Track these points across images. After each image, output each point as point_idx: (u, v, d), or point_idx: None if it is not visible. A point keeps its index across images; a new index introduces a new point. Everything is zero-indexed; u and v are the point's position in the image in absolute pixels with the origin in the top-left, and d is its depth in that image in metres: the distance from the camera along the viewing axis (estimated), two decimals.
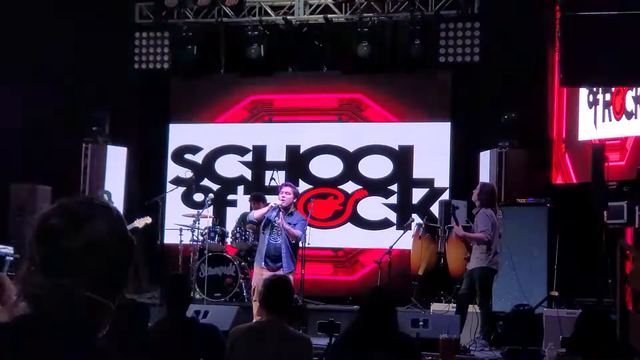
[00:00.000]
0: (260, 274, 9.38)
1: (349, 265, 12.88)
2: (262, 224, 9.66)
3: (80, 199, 1.88)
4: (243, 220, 11.52)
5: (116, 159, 12.97)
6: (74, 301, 1.76)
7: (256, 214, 9.84)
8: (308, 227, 11.04)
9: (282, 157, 13.21)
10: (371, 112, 12.99)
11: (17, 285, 1.82)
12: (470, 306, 10.08)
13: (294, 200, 9.69)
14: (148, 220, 11.00)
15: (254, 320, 8.73)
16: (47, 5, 12.95)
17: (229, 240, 11.83)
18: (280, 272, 9.13)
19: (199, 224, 11.38)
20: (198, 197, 13.00)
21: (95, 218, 1.81)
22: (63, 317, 1.75)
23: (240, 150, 13.41)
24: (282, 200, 9.52)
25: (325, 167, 13.10)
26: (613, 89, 10.83)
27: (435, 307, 10.61)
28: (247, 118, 13.39)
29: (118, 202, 12.18)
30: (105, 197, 11.36)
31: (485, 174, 11.60)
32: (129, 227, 10.50)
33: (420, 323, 8.75)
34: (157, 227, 12.32)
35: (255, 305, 9.25)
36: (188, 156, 13.53)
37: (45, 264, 1.77)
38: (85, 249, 1.77)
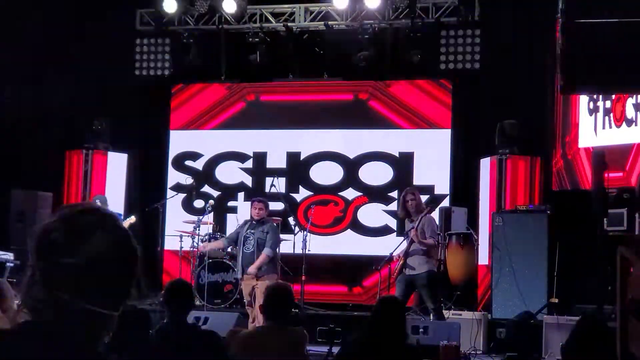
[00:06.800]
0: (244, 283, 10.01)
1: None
2: (237, 241, 10.16)
3: (83, 208, 1.83)
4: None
5: (117, 165, 12.98)
6: (73, 314, 1.73)
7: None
8: (309, 234, 11.08)
9: (282, 164, 13.21)
10: (371, 119, 12.98)
11: (19, 295, 1.80)
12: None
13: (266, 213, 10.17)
14: (132, 219, 10.98)
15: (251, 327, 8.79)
16: (48, 10, 12.97)
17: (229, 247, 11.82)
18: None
19: (199, 230, 11.38)
20: (198, 203, 12.99)
21: (98, 231, 1.77)
22: (63, 327, 1.73)
23: (240, 157, 13.41)
24: (257, 215, 9.97)
25: (326, 173, 13.10)
26: (613, 96, 10.84)
27: None
28: (248, 125, 13.38)
29: (118, 208, 12.18)
30: (98, 202, 11.30)
31: (485, 181, 11.61)
32: None
33: (421, 330, 8.74)
34: (157, 233, 12.36)
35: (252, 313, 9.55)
36: (188, 162, 13.53)
37: (45, 278, 1.74)
38: (87, 265, 1.73)
